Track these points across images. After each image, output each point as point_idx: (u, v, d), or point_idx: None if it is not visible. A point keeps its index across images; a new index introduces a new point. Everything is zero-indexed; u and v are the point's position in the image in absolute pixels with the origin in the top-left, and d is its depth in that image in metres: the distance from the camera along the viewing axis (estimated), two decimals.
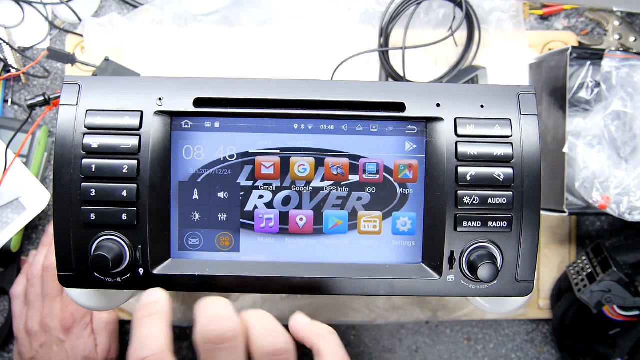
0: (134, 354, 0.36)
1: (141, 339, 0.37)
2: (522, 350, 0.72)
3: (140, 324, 0.38)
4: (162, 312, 0.38)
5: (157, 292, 0.40)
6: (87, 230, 0.41)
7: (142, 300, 0.39)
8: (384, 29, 0.64)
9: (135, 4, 0.66)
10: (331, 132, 0.43)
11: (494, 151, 0.41)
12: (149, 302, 0.39)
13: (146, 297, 0.40)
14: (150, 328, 0.37)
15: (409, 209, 0.43)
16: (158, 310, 0.38)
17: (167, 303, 0.39)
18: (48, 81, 0.67)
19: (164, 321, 0.38)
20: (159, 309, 0.39)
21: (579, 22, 0.69)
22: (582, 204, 0.60)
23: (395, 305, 0.68)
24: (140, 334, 0.37)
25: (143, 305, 0.39)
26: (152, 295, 0.40)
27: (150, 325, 0.37)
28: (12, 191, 0.61)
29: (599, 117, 0.56)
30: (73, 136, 0.40)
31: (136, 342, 0.37)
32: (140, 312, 0.39)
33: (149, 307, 0.39)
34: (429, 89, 0.42)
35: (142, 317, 0.38)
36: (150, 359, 0.35)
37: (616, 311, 0.63)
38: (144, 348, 0.36)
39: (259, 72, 0.65)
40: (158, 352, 0.36)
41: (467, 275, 0.41)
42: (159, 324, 0.37)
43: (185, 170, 0.43)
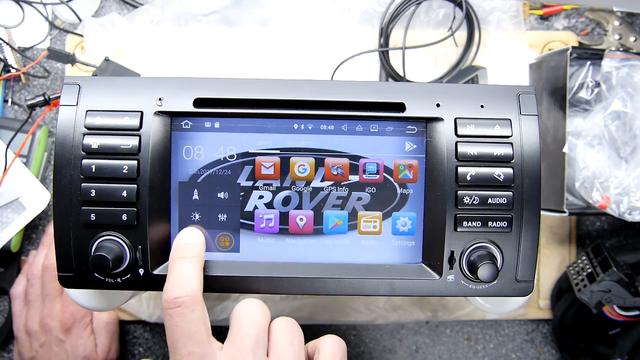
0: (169, 292, 0.37)
1: (176, 279, 0.37)
2: (522, 350, 0.72)
3: (176, 264, 0.39)
4: (198, 256, 0.39)
5: (194, 234, 0.41)
6: (87, 231, 0.41)
7: (180, 239, 0.40)
8: (384, 29, 0.64)
9: (135, 4, 0.66)
10: (331, 132, 0.43)
11: (494, 151, 0.41)
12: (187, 244, 0.40)
13: (184, 237, 0.41)
14: (187, 269, 0.38)
15: (409, 209, 0.43)
16: (195, 253, 0.39)
17: (203, 248, 0.41)
18: (48, 81, 0.67)
19: (199, 265, 0.39)
20: (195, 253, 0.39)
21: (579, 22, 0.69)
22: (582, 204, 0.60)
23: (395, 305, 0.68)
24: (175, 274, 0.38)
25: (181, 245, 0.40)
26: (190, 237, 0.41)
27: (187, 267, 0.38)
28: (12, 191, 0.61)
29: (599, 117, 0.56)
30: (73, 136, 0.40)
31: (171, 281, 0.37)
32: (177, 251, 0.40)
33: (186, 249, 0.40)
34: (429, 89, 0.42)
35: (178, 257, 0.39)
36: (183, 299, 0.36)
37: (616, 311, 0.63)
38: (179, 288, 0.37)
39: (259, 72, 0.65)
40: (192, 294, 0.37)
41: (467, 275, 0.41)
42: (194, 268, 0.38)
43: (185, 171, 0.43)
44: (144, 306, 0.66)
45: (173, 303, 0.36)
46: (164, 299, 0.37)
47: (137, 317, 0.67)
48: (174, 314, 0.36)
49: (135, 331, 0.70)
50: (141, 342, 0.70)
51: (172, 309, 0.37)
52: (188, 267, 0.38)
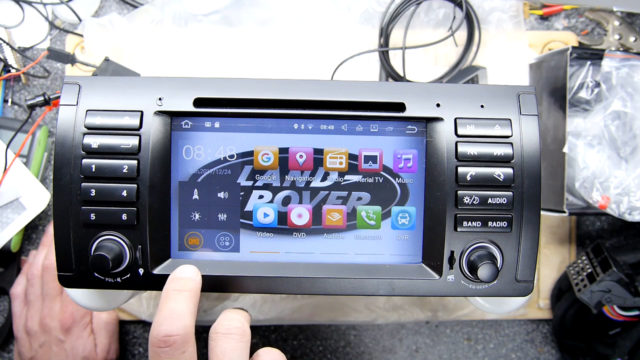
0: (160, 327, 0.34)
1: (169, 314, 0.35)
2: (522, 350, 0.72)
3: (169, 297, 0.36)
4: (193, 292, 0.37)
5: (191, 270, 0.39)
6: (87, 230, 0.41)
7: (176, 274, 0.38)
8: (384, 29, 0.64)
9: (135, 4, 0.66)
10: (331, 132, 0.43)
11: (494, 151, 0.41)
12: (182, 278, 0.38)
13: (180, 271, 0.39)
14: (181, 304, 0.36)
15: (408, 205, 0.43)
16: (190, 288, 0.37)
17: (199, 285, 0.38)
18: (48, 81, 0.67)
19: (194, 302, 0.37)
20: (191, 288, 0.37)
21: (579, 22, 0.69)
22: (582, 204, 0.60)
23: (395, 305, 0.68)
24: (168, 308, 0.35)
25: (176, 279, 0.38)
26: (186, 272, 0.38)
27: (181, 301, 0.36)
28: (12, 191, 0.61)
29: (599, 117, 0.56)
30: (73, 136, 0.40)
31: (163, 315, 0.35)
32: (171, 284, 0.37)
33: (182, 282, 0.37)
34: (429, 89, 0.42)
35: (173, 290, 0.37)
36: (174, 339, 0.34)
37: (616, 311, 0.63)
38: (171, 325, 0.34)
39: (259, 72, 0.65)
40: (184, 333, 0.34)
41: (467, 275, 0.41)
42: (189, 303, 0.36)
43: (185, 170, 0.43)
44: (144, 306, 0.66)
45: (163, 342, 0.34)
46: (152, 334, 0.34)
47: (137, 317, 0.67)
48: (162, 354, 0.34)
49: (135, 331, 0.70)
50: (141, 342, 0.70)
51: (161, 347, 0.34)
52: (182, 302, 0.36)
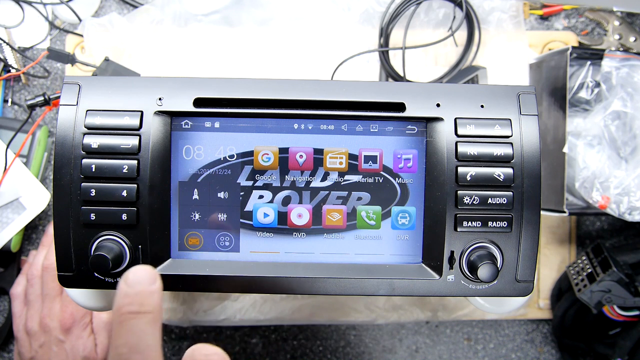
0: None
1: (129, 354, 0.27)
2: (522, 350, 0.72)
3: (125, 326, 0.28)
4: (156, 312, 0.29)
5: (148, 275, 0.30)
6: (87, 230, 0.41)
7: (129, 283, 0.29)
8: (384, 29, 0.64)
9: (135, 4, 0.66)
10: (331, 132, 0.43)
11: (494, 151, 0.41)
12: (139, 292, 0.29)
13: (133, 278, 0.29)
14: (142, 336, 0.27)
15: (408, 205, 0.43)
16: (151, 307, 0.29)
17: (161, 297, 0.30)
18: (48, 81, 0.67)
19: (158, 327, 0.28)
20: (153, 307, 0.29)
21: (579, 22, 0.69)
22: (582, 204, 0.60)
23: (395, 305, 0.68)
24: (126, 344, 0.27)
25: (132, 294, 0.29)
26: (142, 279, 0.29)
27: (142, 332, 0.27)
28: (12, 191, 0.61)
29: (599, 117, 0.56)
30: (73, 136, 0.40)
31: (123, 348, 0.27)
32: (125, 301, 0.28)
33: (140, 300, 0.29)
34: (429, 89, 0.42)
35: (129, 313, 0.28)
36: None
37: (616, 311, 0.63)
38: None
39: (259, 72, 0.65)
40: None
41: (467, 275, 0.41)
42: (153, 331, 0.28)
43: (185, 170, 0.43)
44: None
45: None
46: None
47: None
48: None
49: None
50: None
51: None
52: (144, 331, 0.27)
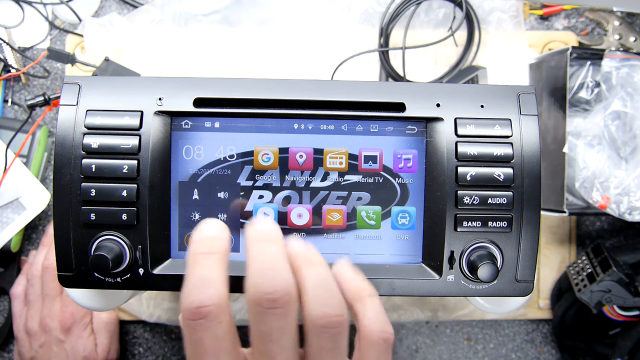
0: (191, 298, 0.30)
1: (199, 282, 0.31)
2: (522, 350, 0.72)
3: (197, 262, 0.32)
4: (223, 253, 0.32)
5: (218, 226, 0.34)
6: (87, 230, 0.41)
7: (201, 231, 0.33)
8: (384, 29, 0.64)
9: (135, 4, 0.66)
10: (331, 132, 0.43)
11: (494, 151, 0.41)
12: (209, 237, 0.33)
13: (206, 228, 0.33)
14: (210, 270, 0.31)
15: (408, 205, 0.43)
16: (219, 249, 0.32)
17: (229, 243, 0.33)
18: (48, 81, 0.67)
19: (224, 265, 0.32)
20: (220, 249, 0.32)
21: (579, 22, 0.69)
22: (582, 204, 0.60)
23: (395, 305, 0.68)
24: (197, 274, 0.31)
25: (202, 239, 0.33)
26: (212, 228, 0.33)
27: (210, 267, 0.31)
28: (12, 191, 0.61)
29: (599, 117, 0.56)
30: (73, 136, 0.40)
31: (193, 283, 0.31)
32: (198, 245, 0.33)
33: (210, 243, 0.32)
34: (429, 89, 0.42)
35: (200, 253, 0.32)
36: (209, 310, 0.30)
37: (616, 311, 0.63)
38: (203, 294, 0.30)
39: (259, 72, 0.65)
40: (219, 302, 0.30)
41: (467, 275, 0.41)
42: (220, 267, 0.31)
43: (185, 170, 0.43)
44: (143, 306, 0.66)
45: (196, 314, 0.30)
46: (184, 306, 0.30)
47: (137, 317, 0.67)
48: (197, 327, 0.30)
49: (135, 331, 0.70)
50: (141, 342, 0.70)
51: (195, 320, 0.30)
52: (212, 266, 0.31)
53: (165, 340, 0.70)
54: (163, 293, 0.66)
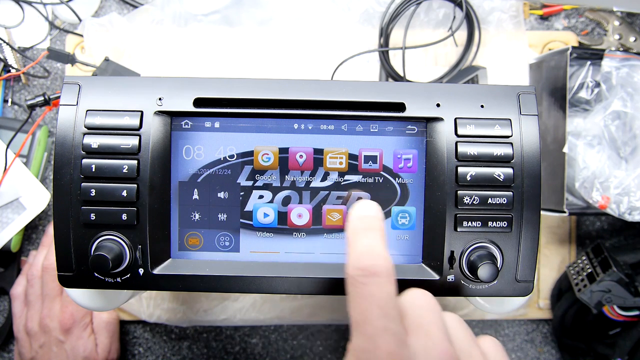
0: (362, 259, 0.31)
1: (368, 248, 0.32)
2: (522, 350, 0.72)
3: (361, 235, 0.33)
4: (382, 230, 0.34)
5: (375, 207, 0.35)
6: (87, 230, 0.41)
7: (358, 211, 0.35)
8: (384, 29, 0.64)
9: (135, 4, 0.66)
10: (331, 132, 0.43)
11: (494, 151, 0.41)
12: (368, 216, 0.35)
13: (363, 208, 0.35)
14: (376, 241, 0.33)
15: (408, 205, 0.43)
16: (379, 227, 0.34)
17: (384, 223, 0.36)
18: (48, 81, 0.67)
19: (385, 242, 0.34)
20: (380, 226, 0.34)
21: (579, 22, 0.69)
22: (582, 204, 0.60)
23: None
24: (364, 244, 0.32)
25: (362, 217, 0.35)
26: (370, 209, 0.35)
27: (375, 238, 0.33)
28: (12, 191, 0.61)
29: (599, 117, 0.56)
30: (73, 136, 0.40)
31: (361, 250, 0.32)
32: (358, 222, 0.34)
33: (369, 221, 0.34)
34: (429, 89, 0.42)
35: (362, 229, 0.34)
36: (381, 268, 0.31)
37: (616, 311, 0.63)
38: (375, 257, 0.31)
39: (259, 72, 0.65)
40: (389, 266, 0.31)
41: (467, 275, 0.41)
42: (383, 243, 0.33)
43: (185, 170, 0.43)
44: (143, 306, 0.66)
45: (368, 271, 0.31)
46: (353, 267, 0.32)
47: (137, 317, 0.67)
48: (369, 282, 0.31)
49: (135, 331, 0.70)
50: (141, 342, 0.70)
51: (367, 276, 0.31)
52: (377, 239, 0.33)
53: (165, 340, 0.70)
54: (163, 293, 0.66)
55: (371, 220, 0.35)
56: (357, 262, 0.32)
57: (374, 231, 0.34)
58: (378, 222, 0.35)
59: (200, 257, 0.44)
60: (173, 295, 0.67)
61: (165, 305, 0.66)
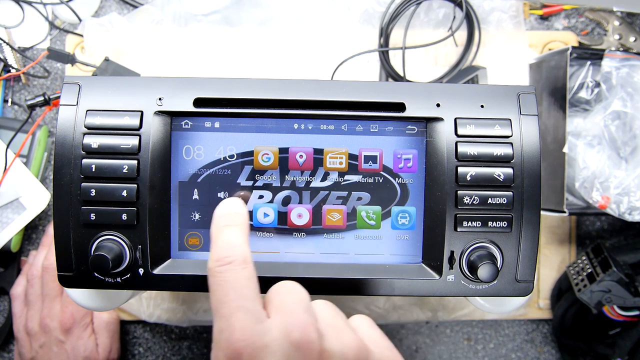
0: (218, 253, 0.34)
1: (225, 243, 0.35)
2: (522, 350, 0.72)
3: (221, 232, 0.36)
4: (244, 225, 0.36)
5: (236, 204, 0.37)
6: (87, 230, 0.41)
7: (221, 209, 0.37)
8: (384, 29, 0.64)
9: (135, 4, 0.66)
10: (331, 132, 0.43)
11: (494, 151, 0.41)
12: (229, 213, 0.37)
13: (225, 206, 0.37)
14: (235, 236, 0.35)
15: (408, 205, 0.43)
16: (239, 222, 0.36)
17: (247, 217, 0.37)
18: (48, 81, 0.67)
19: (246, 234, 0.36)
20: (240, 222, 0.36)
21: (579, 22, 0.69)
22: (582, 204, 0.60)
23: (395, 305, 0.68)
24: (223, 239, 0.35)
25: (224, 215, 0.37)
26: (232, 207, 0.37)
27: (235, 234, 0.35)
28: (12, 191, 0.61)
29: (599, 117, 0.56)
30: (73, 136, 0.40)
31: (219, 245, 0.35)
32: (220, 220, 0.36)
33: (230, 218, 0.37)
34: (429, 89, 0.42)
35: (223, 226, 0.36)
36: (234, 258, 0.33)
37: (616, 311, 0.63)
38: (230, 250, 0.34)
39: (259, 72, 0.65)
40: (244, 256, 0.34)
41: (467, 275, 0.41)
42: (243, 235, 0.35)
43: (185, 170, 0.43)
44: (143, 306, 0.66)
45: (223, 261, 0.33)
46: (211, 260, 0.34)
47: (137, 317, 0.67)
48: (223, 270, 0.33)
49: (135, 331, 0.70)
50: (141, 342, 0.70)
51: (221, 266, 0.33)
52: (236, 234, 0.35)
53: (165, 340, 0.70)
54: (163, 293, 0.66)
55: (232, 217, 0.37)
56: (215, 255, 0.34)
57: (234, 227, 0.36)
58: (239, 217, 0.37)
59: (200, 257, 0.44)
60: (173, 295, 0.67)
61: (165, 305, 0.66)
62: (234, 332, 0.30)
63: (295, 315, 0.32)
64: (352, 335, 0.33)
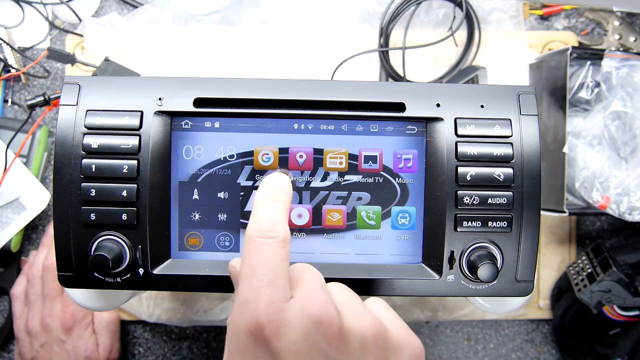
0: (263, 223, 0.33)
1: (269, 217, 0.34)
2: (522, 350, 0.72)
3: (266, 203, 0.35)
4: (287, 204, 0.36)
5: (286, 182, 0.37)
6: (87, 230, 0.41)
7: (270, 182, 0.37)
8: (384, 29, 0.64)
9: (135, 4, 0.66)
10: (331, 132, 0.43)
11: (494, 151, 0.41)
12: (278, 188, 0.37)
13: (275, 181, 0.37)
14: (278, 211, 0.35)
15: (408, 205, 0.43)
16: (285, 200, 0.36)
17: (291, 199, 0.38)
18: (48, 81, 0.67)
19: (287, 215, 0.36)
20: (286, 200, 0.36)
21: (579, 22, 0.69)
22: (582, 204, 0.60)
23: (395, 305, 0.68)
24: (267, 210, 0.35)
25: (272, 188, 0.37)
26: (281, 182, 0.37)
27: (278, 209, 0.35)
28: (12, 191, 0.61)
29: (599, 117, 0.56)
30: (73, 136, 0.40)
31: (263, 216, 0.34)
32: (267, 191, 0.36)
33: (277, 193, 0.36)
34: (429, 89, 0.42)
35: (269, 198, 0.36)
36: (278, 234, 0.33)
37: (616, 311, 0.63)
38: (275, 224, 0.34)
39: (259, 72, 0.65)
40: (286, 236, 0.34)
41: (467, 275, 0.41)
42: (285, 214, 0.35)
43: (185, 170, 0.43)
44: (144, 306, 0.66)
45: (265, 234, 0.33)
46: (252, 228, 0.33)
47: (137, 317, 0.67)
48: (265, 242, 0.33)
49: (135, 331, 0.70)
50: (141, 342, 0.70)
51: (264, 237, 0.33)
52: (281, 211, 0.35)
53: (165, 340, 0.70)
54: (163, 293, 0.66)
55: (279, 193, 0.37)
56: (257, 225, 0.33)
57: (280, 203, 0.36)
58: (286, 195, 0.37)
59: (200, 257, 0.44)
60: (173, 295, 0.67)
61: (165, 305, 0.66)
62: (259, 304, 0.30)
63: (314, 292, 0.32)
64: (370, 315, 0.33)
